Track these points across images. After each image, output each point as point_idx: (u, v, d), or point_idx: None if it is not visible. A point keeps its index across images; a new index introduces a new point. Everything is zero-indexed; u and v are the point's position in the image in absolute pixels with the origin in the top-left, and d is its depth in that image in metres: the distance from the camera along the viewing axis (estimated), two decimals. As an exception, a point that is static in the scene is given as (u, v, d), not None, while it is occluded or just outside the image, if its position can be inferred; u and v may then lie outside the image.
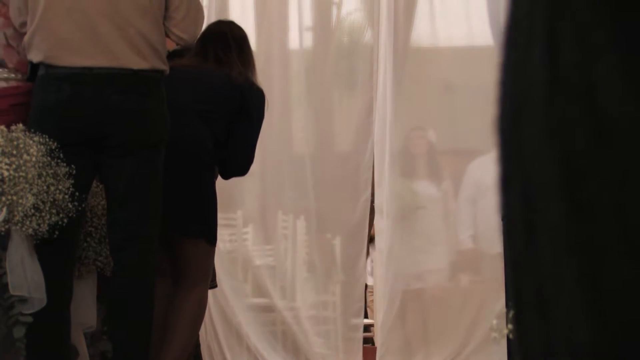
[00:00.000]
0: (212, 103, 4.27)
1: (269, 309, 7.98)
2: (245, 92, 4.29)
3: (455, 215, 6.92)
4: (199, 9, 4.10)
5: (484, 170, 6.29)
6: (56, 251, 3.72)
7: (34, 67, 3.83)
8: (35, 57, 3.81)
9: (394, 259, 7.33)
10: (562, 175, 0.79)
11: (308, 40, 6.90)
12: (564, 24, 0.80)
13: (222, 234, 6.51)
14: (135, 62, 3.82)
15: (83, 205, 3.77)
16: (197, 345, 4.83)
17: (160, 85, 3.90)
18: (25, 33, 3.85)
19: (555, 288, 0.79)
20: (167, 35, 4.04)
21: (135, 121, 3.81)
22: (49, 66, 3.79)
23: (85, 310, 3.97)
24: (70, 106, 3.77)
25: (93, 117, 3.77)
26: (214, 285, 4.84)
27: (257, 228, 7.22)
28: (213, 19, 5.63)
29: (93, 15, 3.81)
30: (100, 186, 3.98)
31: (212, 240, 4.26)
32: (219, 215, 5.72)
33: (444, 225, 6.98)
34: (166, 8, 3.96)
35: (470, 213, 6.66)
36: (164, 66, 3.92)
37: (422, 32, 6.56)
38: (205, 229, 4.22)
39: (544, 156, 0.80)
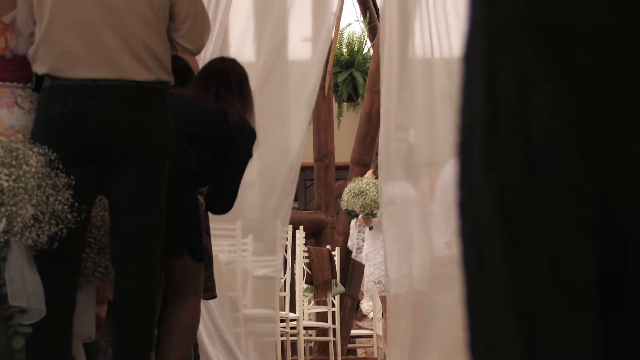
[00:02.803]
0: (204, 134, 4.29)
1: (268, 319, 7.97)
2: (236, 132, 4.31)
3: (431, 220, 6.88)
4: (205, 20, 4.10)
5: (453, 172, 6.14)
6: (59, 262, 3.73)
7: (39, 78, 3.83)
8: (40, 69, 3.82)
9: (370, 265, 7.35)
10: (498, 209, 0.80)
11: (307, 51, 6.92)
12: (502, 57, 0.81)
13: (221, 244, 6.52)
14: (140, 74, 3.83)
15: (84, 216, 3.77)
16: (196, 346, 4.84)
17: (165, 97, 3.90)
18: (33, 43, 3.87)
19: (497, 321, 0.80)
20: (172, 45, 4.05)
21: (139, 133, 3.81)
22: (53, 78, 3.80)
23: (84, 321, 3.97)
24: (75, 118, 3.78)
25: (97, 129, 3.78)
26: (213, 295, 4.85)
27: (256, 239, 7.23)
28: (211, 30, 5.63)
29: (97, 27, 3.82)
30: (99, 197, 3.98)
31: (197, 256, 4.27)
32: (218, 225, 5.74)
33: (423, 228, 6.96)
34: (173, 20, 3.96)
35: (445, 218, 6.53)
36: (168, 77, 3.92)
37: (422, 43, 6.56)
38: (188, 245, 4.23)
39: (483, 189, 0.81)
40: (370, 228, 7.44)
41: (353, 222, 7.69)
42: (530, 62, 0.79)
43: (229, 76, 4.43)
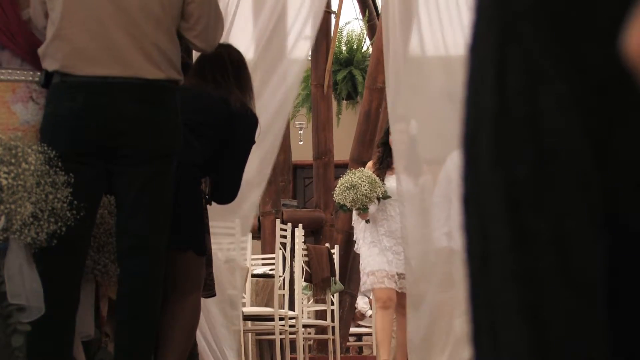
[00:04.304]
0: (206, 122, 4.29)
1: (267, 317, 7.97)
2: (239, 119, 4.31)
3: (430, 211, 6.86)
4: (219, 19, 4.12)
5: (455, 165, 6.02)
6: (64, 261, 3.74)
7: (49, 75, 3.83)
8: (50, 66, 3.82)
9: (362, 257, 7.26)
10: (507, 204, 0.79)
11: (307, 49, 6.91)
12: (512, 51, 0.80)
13: (220, 242, 6.52)
14: (150, 72, 3.83)
15: (90, 214, 3.78)
16: (195, 345, 4.83)
17: (175, 95, 3.91)
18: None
19: (503, 316, 0.79)
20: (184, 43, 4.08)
21: (148, 131, 3.82)
22: (63, 75, 3.80)
23: (83, 319, 3.97)
24: (84, 115, 3.78)
25: (106, 126, 3.78)
26: (212, 294, 4.84)
27: (255, 237, 7.22)
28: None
29: (108, 25, 3.82)
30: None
31: (200, 250, 4.27)
32: (218, 224, 5.73)
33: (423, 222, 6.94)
34: (186, 19, 3.98)
35: (445, 210, 6.47)
36: (178, 76, 3.94)
37: (422, 41, 6.55)
38: (192, 239, 4.23)
39: (491, 183, 0.80)
40: (367, 221, 7.30)
41: (354, 216, 7.54)
42: (541, 55, 0.77)
43: (225, 63, 4.42)
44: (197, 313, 4.38)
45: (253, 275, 8.31)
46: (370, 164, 7.45)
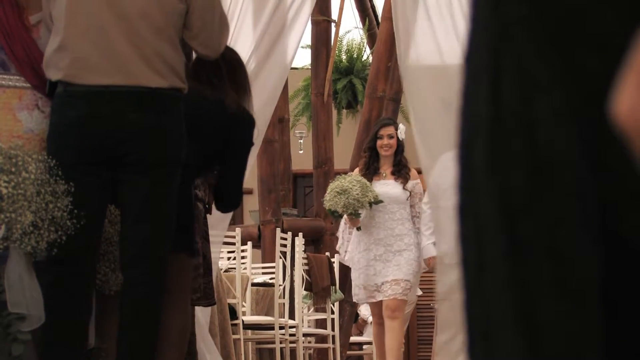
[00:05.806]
0: (200, 126, 4.28)
1: (267, 326, 7.97)
2: (235, 122, 4.30)
3: (419, 221, 6.82)
4: (223, 25, 4.13)
5: (441, 169, 5.93)
6: (75, 270, 3.74)
7: (52, 84, 3.84)
8: (53, 75, 3.83)
9: (356, 269, 7.15)
10: (502, 212, 0.79)
11: (307, 58, 6.92)
12: (507, 58, 0.80)
13: (220, 251, 6.52)
14: (153, 81, 3.84)
15: (98, 223, 3.80)
16: (195, 353, 4.82)
17: (179, 103, 3.92)
18: None
19: (497, 325, 0.79)
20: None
21: (152, 139, 3.83)
22: (67, 84, 3.81)
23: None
24: (88, 124, 3.79)
25: (110, 134, 3.79)
26: (212, 302, 4.84)
27: (255, 246, 7.21)
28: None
29: (111, 33, 3.83)
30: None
31: (192, 252, 4.26)
32: (218, 232, 5.73)
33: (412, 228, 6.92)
34: (189, 28, 3.99)
35: (432, 219, 6.35)
36: (182, 85, 3.94)
37: (423, 50, 6.55)
38: (185, 242, 4.22)
39: (487, 191, 0.80)
40: (358, 229, 7.09)
41: (342, 223, 7.33)
42: (536, 63, 0.77)
43: (218, 64, 4.40)
44: (189, 316, 4.37)
45: (253, 284, 8.31)
46: (356, 170, 7.32)
